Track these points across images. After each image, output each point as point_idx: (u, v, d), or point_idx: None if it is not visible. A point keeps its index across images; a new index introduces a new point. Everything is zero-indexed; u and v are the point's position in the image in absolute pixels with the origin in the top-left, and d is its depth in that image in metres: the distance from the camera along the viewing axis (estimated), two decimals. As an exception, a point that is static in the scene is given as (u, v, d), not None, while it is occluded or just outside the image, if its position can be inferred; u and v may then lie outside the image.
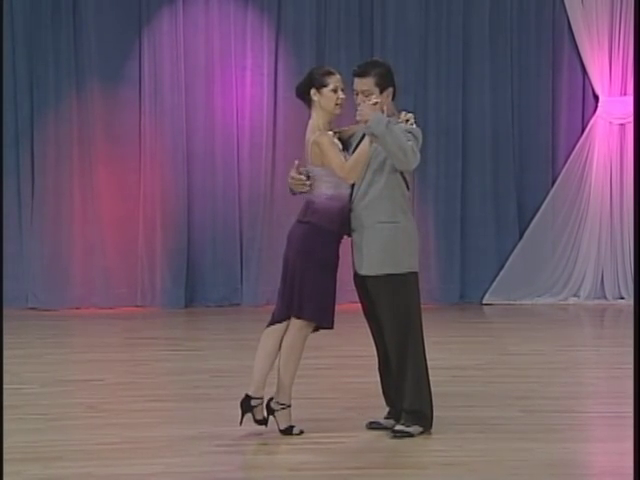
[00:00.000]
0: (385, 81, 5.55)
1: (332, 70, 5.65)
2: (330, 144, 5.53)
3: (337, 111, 5.60)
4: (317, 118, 5.61)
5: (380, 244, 5.54)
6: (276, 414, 5.66)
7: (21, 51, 10.63)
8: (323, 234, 5.59)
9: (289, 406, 5.67)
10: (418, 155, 5.46)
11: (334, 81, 5.58)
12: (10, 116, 10.59)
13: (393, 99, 5.65)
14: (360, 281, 5.69)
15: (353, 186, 5.60)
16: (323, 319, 5.62)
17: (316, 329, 5.68)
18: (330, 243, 5.61)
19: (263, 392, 5.68)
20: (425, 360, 5.67)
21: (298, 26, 10.89)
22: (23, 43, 10.62)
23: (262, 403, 5.68)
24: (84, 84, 10.69)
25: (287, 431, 5.65)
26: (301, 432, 5.66)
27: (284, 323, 5.64)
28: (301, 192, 5.66)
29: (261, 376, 5.66)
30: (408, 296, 5.59)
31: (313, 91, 5.59)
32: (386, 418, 5.83)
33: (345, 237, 5.69)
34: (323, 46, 10.92)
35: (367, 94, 5.52)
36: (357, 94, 5.57)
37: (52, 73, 10.65)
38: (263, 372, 5.67)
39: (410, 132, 5.50)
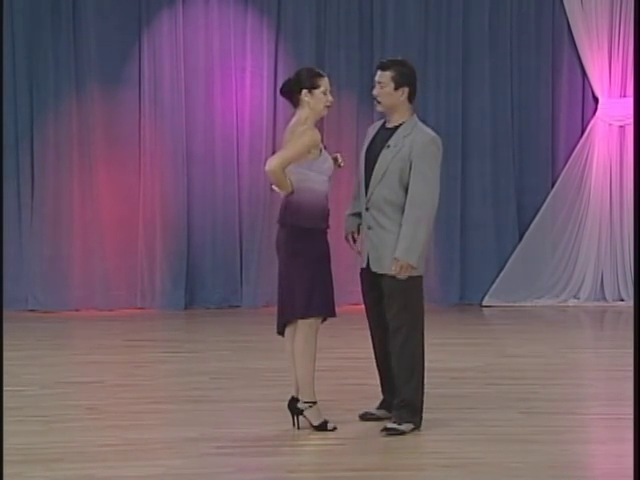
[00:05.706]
0: (402, 79, 5.71)
1: (322, 72, 5.79)
2: (308, 144, 5.57)
3: (325, 112, 5.77)
4: (304, 116, 5.70)
5: None
6: (305, 413, 5.73)
7: (21, 53, 10.61)
8: (304, 232, 5.64)
9: (315, 402, 5.74)
10: (436, 193, 5.60)
11: (324, 83, 5.72)
12: (10, 118, 10.57)
13: (411, 102, 5.79)
14: (368, 276, 5.75)
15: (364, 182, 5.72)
16: (329, 310, 5.70)
17: (324, 319, 5.76)
18: (313, 239, 5.64)
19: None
20: (423, 357, 5.72)
21: (298, 27, 10.87)
22: (23, 45, 10.60)
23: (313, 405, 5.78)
24: (84, 86, 10.67)
25: (322, 427, 5.73)
26: (334, 428, 5.74)
27: (292, 323, 5.73)
28: None
29: (295, 377, 5.78)
30: (418, 296, 5.71)
31: (305, 92, 5.68)
32: (378, 408, 5.95)
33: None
34: (323, 46, 10.90)
35: (382, 86, 5.71)
36: (375, 85, 5.75)
37: (52, 75, 10.64)
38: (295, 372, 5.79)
39: (434, 143, 5.71)
